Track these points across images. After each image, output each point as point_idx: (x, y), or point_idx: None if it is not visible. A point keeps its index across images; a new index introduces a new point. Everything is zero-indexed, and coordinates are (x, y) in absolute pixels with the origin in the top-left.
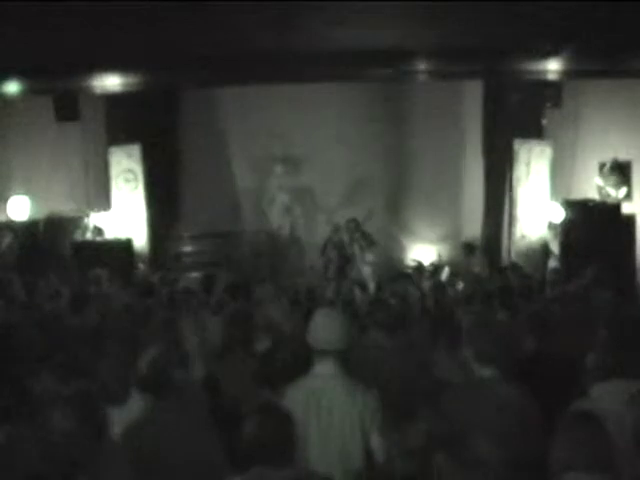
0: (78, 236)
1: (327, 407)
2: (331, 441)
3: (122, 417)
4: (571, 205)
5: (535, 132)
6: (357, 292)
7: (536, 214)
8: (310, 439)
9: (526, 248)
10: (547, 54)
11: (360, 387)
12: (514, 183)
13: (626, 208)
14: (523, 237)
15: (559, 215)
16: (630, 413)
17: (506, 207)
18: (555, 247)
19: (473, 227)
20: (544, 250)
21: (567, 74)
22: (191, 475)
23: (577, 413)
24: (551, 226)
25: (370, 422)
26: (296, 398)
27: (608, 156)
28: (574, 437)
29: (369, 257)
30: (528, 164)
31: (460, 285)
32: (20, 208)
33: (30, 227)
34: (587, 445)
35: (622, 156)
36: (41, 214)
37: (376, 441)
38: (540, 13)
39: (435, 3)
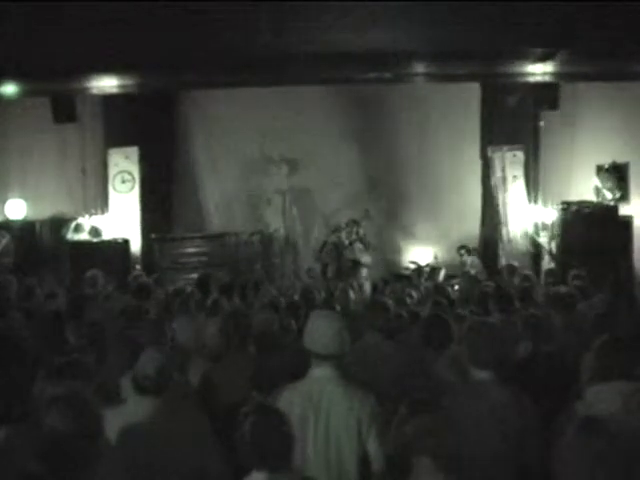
0: (75, 237)
1: (325, 411)
2: (328, 446)
3: (119, 418)
4: (568, 207)
5: (532, 135)
6: (351, 294)
7: (519, 218)
8: (307, 443)
9: (513, 252)
10: (544, 57)
11: (358, 391)
12: (493, 189)
13: (623, 210)
14: (509, 241)
15: (544, 217)
16: (626, 416)
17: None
18: (552, 248)
19: (470, 229)
20: (531, 253)
21: (564, 77)
22: (189, 478)
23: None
24: (547, 227)
25: (368, 427)
26: (293, 401)
27: (605, 158)
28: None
29: (366, 259)
30: (503, 169)
31: (456, 287)
32: (17, 209)
33: (27, 228)
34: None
35: (619, 158)
36: (38, 215)
37: (373, 446)
38: (537, 15)
39: (433, 6)
